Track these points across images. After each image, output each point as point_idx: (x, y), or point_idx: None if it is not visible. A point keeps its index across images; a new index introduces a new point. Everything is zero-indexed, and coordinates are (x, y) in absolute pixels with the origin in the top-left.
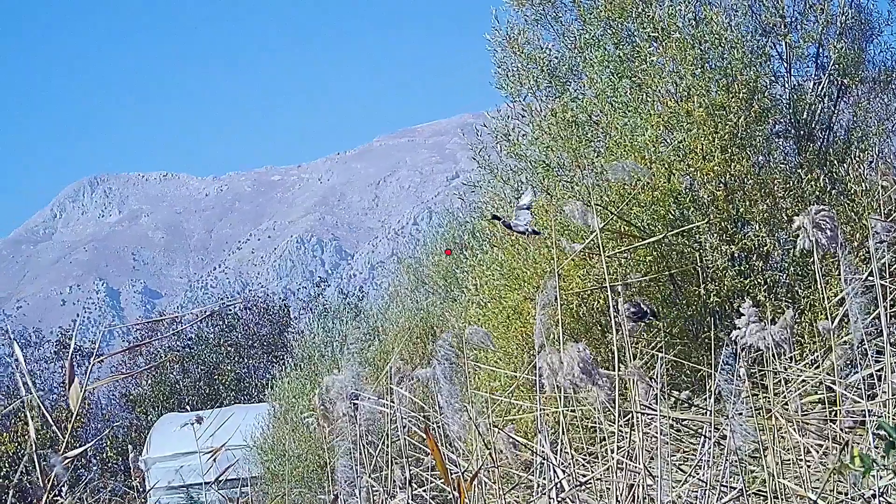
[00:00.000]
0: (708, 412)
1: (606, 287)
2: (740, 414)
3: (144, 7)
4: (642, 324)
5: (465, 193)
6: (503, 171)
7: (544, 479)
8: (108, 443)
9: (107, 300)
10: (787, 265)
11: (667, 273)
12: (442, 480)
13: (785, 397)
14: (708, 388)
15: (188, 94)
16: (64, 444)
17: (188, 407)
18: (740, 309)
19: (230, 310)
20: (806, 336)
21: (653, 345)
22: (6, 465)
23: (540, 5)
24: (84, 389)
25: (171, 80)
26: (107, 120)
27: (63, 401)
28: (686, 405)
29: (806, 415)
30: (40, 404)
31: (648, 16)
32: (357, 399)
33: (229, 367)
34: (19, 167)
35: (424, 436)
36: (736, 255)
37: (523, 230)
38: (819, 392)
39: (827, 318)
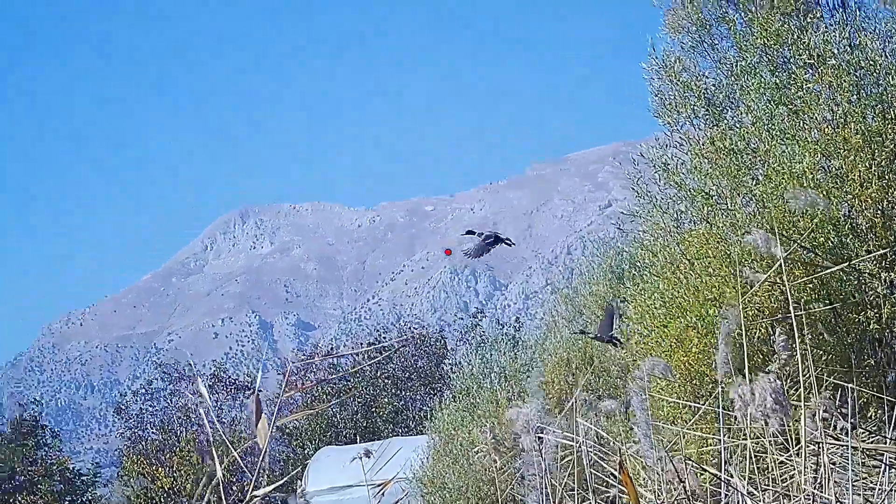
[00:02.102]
0: (890, 441)
1: (784, 316)
2: None
3: (295, 39)
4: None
5: (623, 223)
6: (662, 201)
7: None
8: (266, 476)
9: (259, 332)
10: None
11: (828, 302)
12: None
13: None
14: (870, 415)
15: (338, 124)
16: (253, 479)
17: (345, 439)
18: None
19: (388, 341)
20: None
21: (813, 373)
22: (162, 499)
23: (696, 33)
24: (273, 426)
25: (322, 110)
26: (257, 151)
27: (218, 435)
28: (868, 433)
29: None
30: (225, 440)
31: (804, 42)
32: (542, 432)
33: (387, 400)
34: (170, 200)
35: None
36: (895, 281)
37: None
38: None
39: None
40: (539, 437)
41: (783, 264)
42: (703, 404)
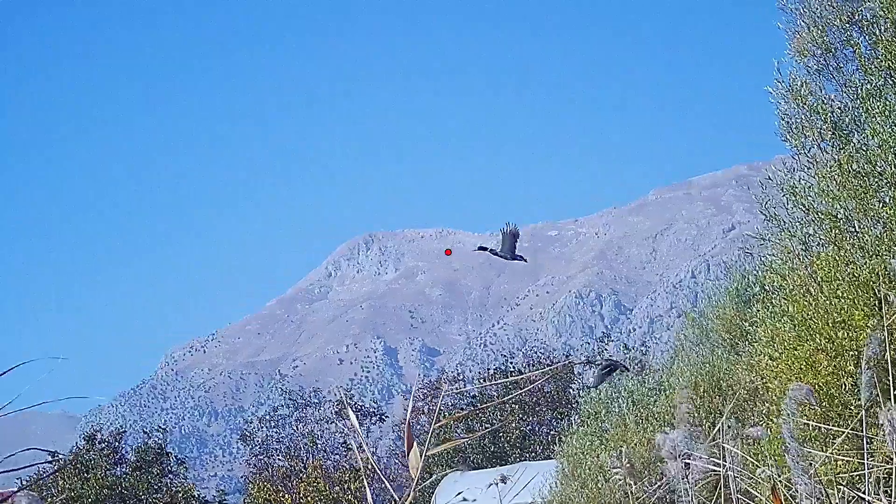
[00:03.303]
0: None
1: None
2: None
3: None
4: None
5: (750, 246)
6: (789, 224)
7: None
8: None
9: (384, 358)
10: None
11: None
12: None
13: None
14: None
15: (462, 150)
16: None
17: (472, 464)
18: None
19: (515, 366)
20: None
21: None
22: None
23: (821, 56)
24: (424, 456)
25: (446, 137)
26: (381, 177)
27: (346, 461)
28: None
29: None
30: (375, 467)
31: None
32: (689, 458)
33: (514, 425)
34: (294, 227)
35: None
36: None
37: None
38: None
39: None
40: (686, 463)
41: None
42: (845, 428)
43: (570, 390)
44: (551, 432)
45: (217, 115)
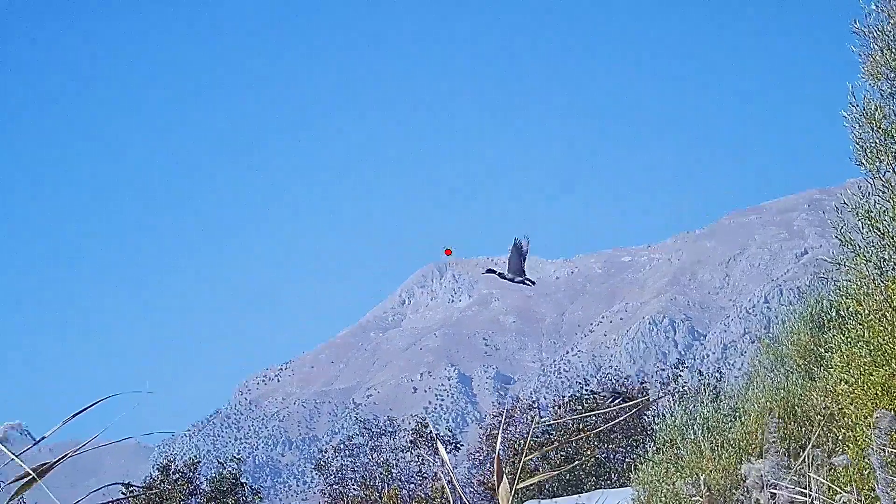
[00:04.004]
0: None
1: None
2: None
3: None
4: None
5: (825, 271)
6: (864, 249)
7: None
8: None
9: (458, 386)
10: None
11: None
12: None
13: None
14: None
15: (533, 176)
16: None
17: (548, 493)
18: None
19: (589, 394)
20: None
21: None
22: None
23: (895, 79)
24: (514, 489)
25: (518, 163)
26: (454, 204)
27: (422, 490)
28: None
29: None
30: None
31: None
32: (775, 488)
33: (589, 452)
34: (366, 255)
35: None
36: None
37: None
38: None
39: None
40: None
41: None
42: None
43: (645, 417)
44: (626, 459)
45: (293, 146)
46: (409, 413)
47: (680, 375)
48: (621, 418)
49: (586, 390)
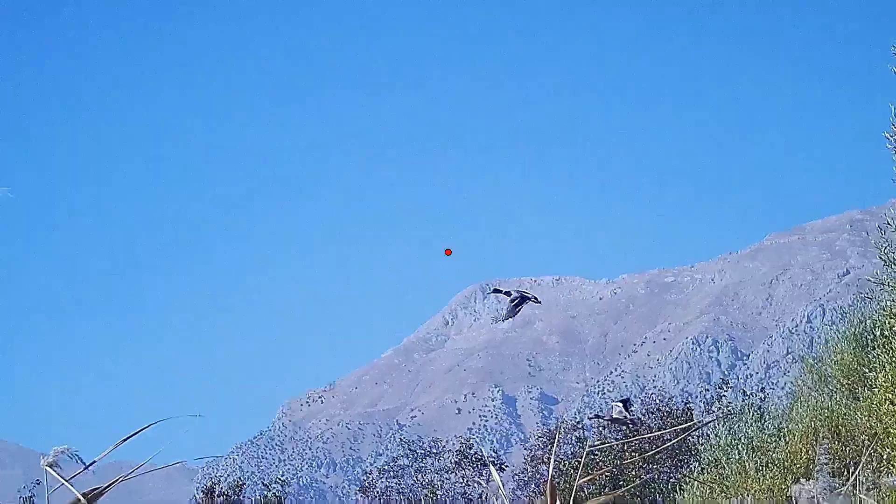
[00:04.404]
0: None
1: None
2: None
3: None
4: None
5: (868, 291)
6: None
7: None
8: None
9: (503, 407)
10: None
11: None
12: None
13: None
14: None
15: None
16: None
17: None
18: None
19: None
20: None
21: None
22: None
23: None
24: None
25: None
26: (497, 225)
27: None
28: None
29: None
30: None
31: None
32: None
33: (633, 472)
34: (410, 276)
35: None
36: None
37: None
38: None
39: None
40: None
41: None
42: None
43: (690, 437)
44: (671, 480)
45: (342, 168)
46: (454, 434)
47: (723, 395)
48: (670, 443)
49: (630, 411)
